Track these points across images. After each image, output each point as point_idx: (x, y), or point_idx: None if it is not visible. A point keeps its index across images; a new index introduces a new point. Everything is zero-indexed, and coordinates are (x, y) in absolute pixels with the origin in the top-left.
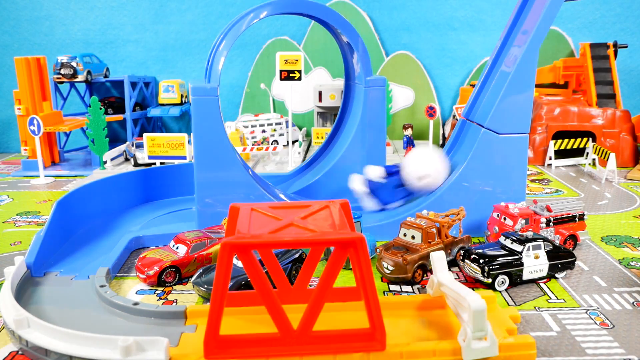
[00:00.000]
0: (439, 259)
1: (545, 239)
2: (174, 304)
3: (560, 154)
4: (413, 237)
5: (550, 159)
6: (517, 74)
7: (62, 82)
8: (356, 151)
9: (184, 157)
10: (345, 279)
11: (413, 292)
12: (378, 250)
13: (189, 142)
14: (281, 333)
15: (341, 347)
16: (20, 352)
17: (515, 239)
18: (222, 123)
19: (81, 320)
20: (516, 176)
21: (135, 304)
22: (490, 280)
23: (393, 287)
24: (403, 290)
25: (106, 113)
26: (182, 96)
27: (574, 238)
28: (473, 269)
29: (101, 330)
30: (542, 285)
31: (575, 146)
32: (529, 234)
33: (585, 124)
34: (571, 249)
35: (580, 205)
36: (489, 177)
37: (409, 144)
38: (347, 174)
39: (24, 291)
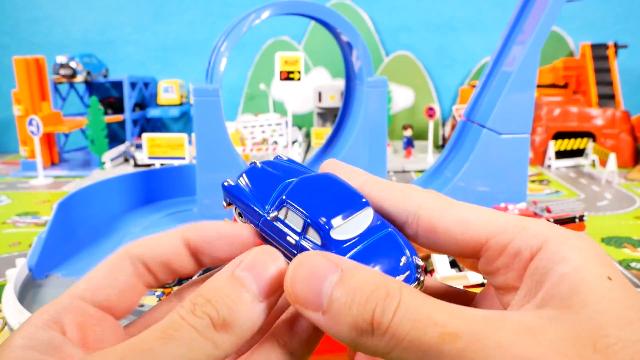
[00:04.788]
0: (440, 259)
1: None
2: None
3: (560, 154)
4: None
5: (550, 159)
6: (519, 74)
7: (61, 83)
8: (357, 152)
9: (183, 158)
10: None
11: None
12: None
13: (189, 142)
14: None
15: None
16: None
17: None
18: (224, 124)
19: None
20: (517, 177)
21: (140, 305)
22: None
23: None
24: None
25: (105, 113)
26: (181, 97)
27: None
28: None
29: None
30: None
31: (575, 147)
32: None
33: (585, 125)
34: None
35: (580, 206)
36: (490, 178)
37: (409, 144)
38: None
39: (26, 293)
